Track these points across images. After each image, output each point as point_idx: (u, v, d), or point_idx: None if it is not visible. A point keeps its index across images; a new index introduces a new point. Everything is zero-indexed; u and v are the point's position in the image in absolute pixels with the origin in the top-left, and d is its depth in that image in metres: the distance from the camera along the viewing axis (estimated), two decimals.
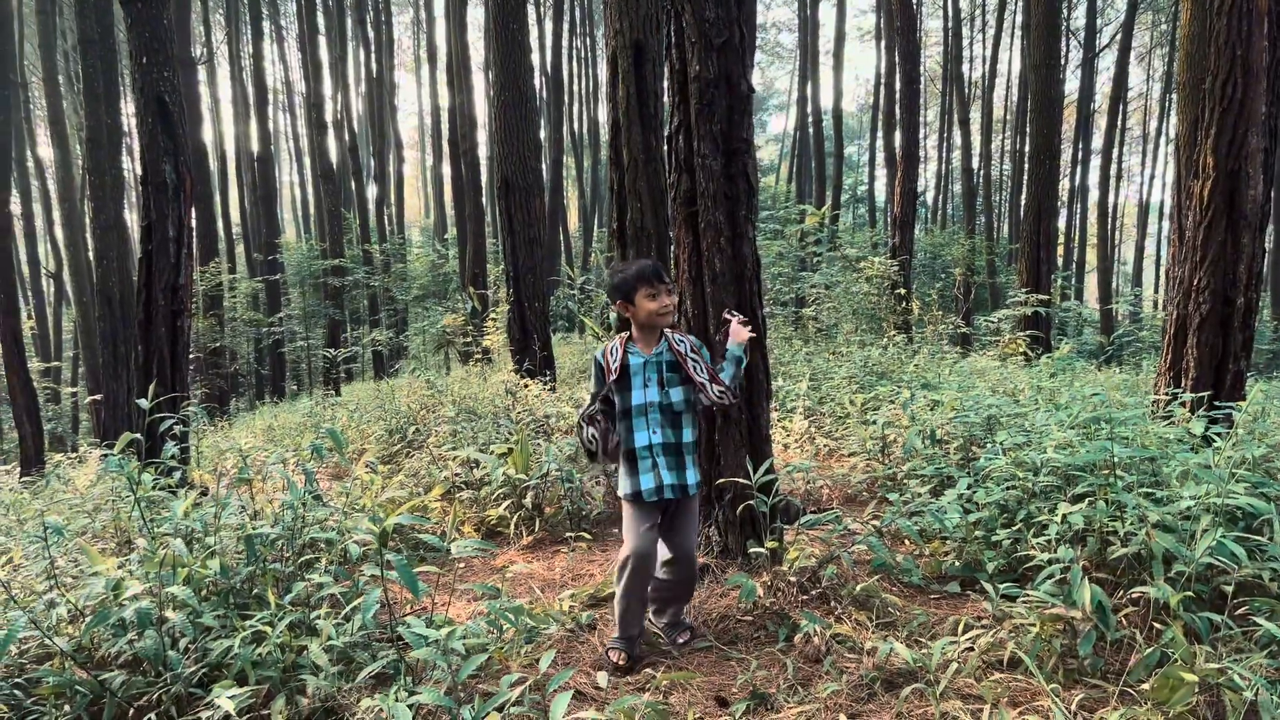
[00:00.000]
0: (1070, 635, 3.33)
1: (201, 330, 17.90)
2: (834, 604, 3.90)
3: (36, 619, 3.40)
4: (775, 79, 54.84)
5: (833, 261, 13.54)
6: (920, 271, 22.57)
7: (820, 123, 28.24)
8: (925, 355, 9.20)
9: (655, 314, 3.50)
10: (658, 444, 3.54)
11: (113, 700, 3.42)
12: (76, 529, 5.91)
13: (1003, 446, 4.73)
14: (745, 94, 4.21)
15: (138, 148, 7.44)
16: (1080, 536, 3.94)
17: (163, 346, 7.35)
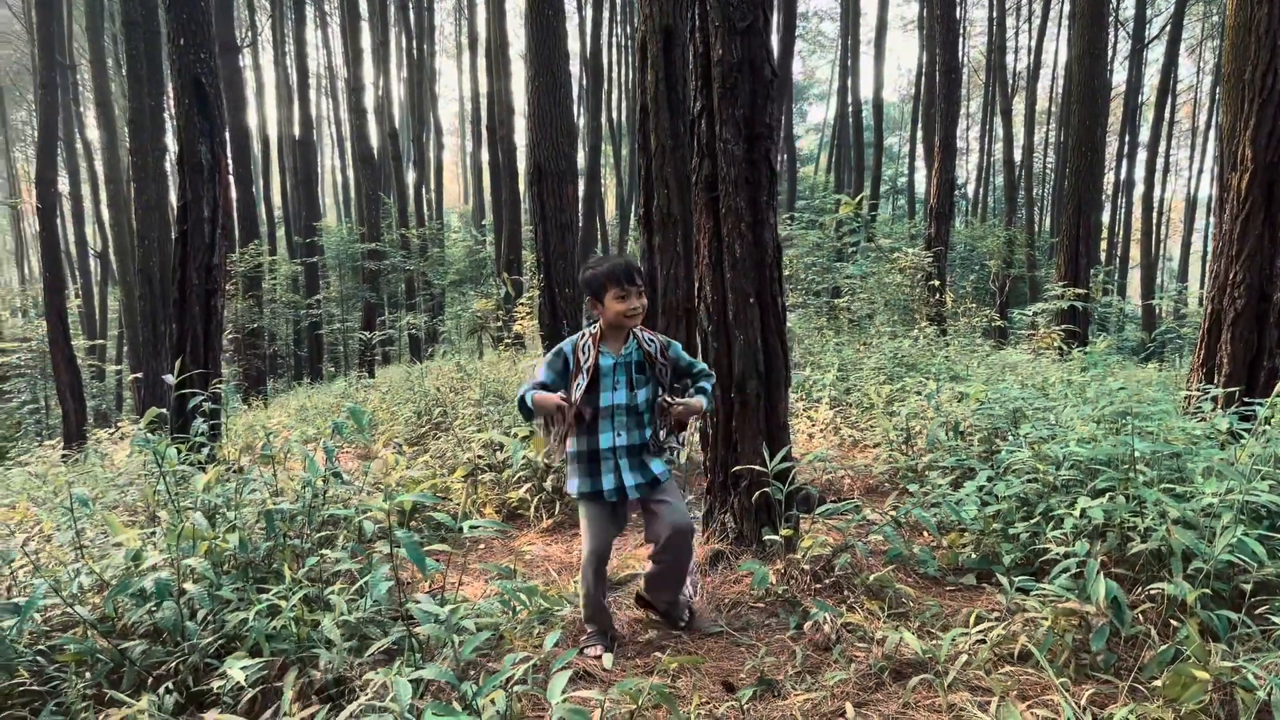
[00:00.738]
0: (1084, 630, 3.28)
1: (240, 311, 18.15)
2: (847, 593, 3.88)
3: (58, 587, 3.47)
4: (816, 68, 54.40)
5: (867, 252, 13.42)
6: (957, 264, 22.32)
7: (860, 112, 27.95)
8: (956, 348, 9.10)
9: (623, 315, 3.43)
10: (621, 446, 3.52)
11: (132, 669, 3.48)
12: (109, 502, 6.04)
13: (1026, 440, 4.67)
14: (769, 79, 4.18)
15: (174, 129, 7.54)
16: (1100, 532, 3.88)
17: (196, 325, 7.45)
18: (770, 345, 4.29)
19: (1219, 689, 2.92)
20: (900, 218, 34.36)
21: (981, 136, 37.10)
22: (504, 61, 20.34)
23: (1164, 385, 6.51)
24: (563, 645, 3.78)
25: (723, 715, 3.10)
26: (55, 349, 16.43)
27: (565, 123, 10.75)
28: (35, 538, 4.83)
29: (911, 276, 11.68)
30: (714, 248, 4.30)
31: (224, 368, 18.75)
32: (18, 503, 5.11)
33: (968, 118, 45.57)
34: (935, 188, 13.21)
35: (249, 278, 18.76)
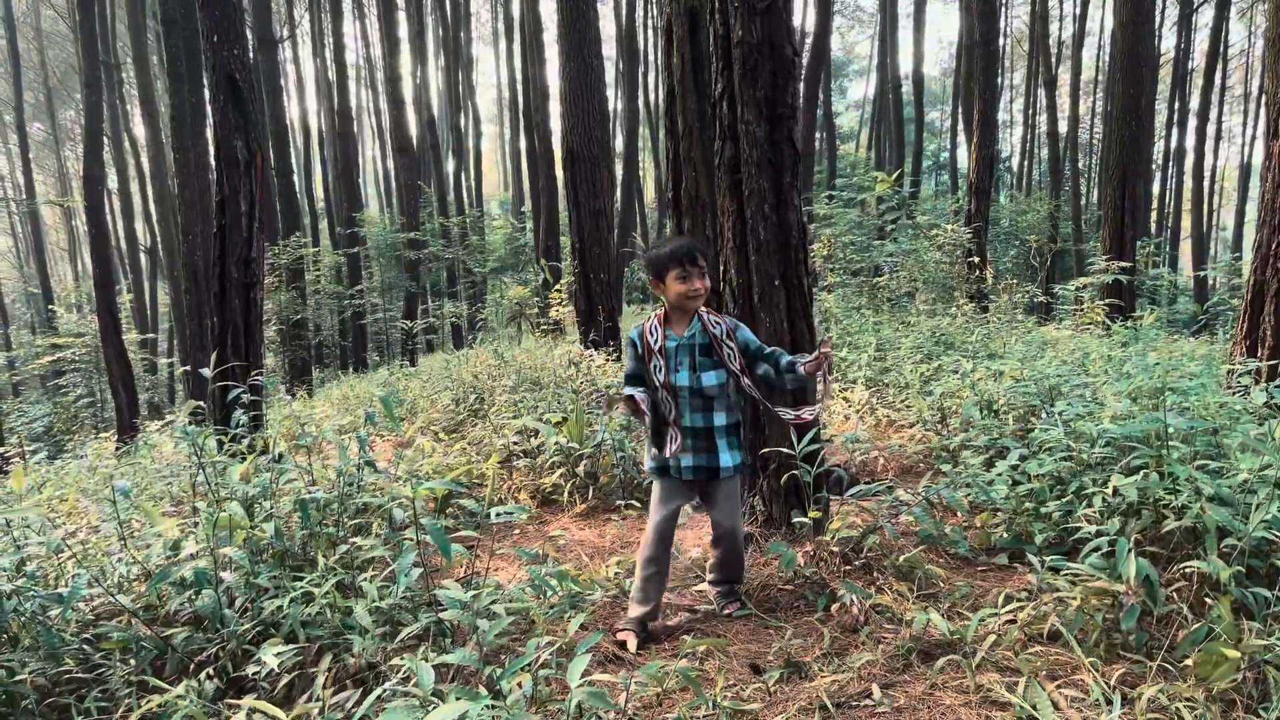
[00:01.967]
0: (1115, 609, 3.24)
1: (284, 303, 18.41)
2: (876, 575, 3.87)
3: (98, 577, 3.56)
4: (856, 44, 53.70)
5: (905, 230, 13.27)
6: (1001, 239, 21.97)
7: (899, 88, 27.58)
8: (995, 325, 8.99)
9: (684, 296, 3.43)
10: (687, 427, 3.52)
11: (174, 656, 3.57)
12: (156, 493, 6.18)
13: (1061, 417, 4.61)
14: (790, 58, 4.14)
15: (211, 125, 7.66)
16: (1135, 509, 3.83)
17: (236, 318, 7.58)
18: (796, 327, 4.27)
19: (1253, 668, 2.87)
20: (943, 194, 33.90)
21: (1026, 109, 36.43)
22: (538, 47, 20.33)
23: (1208, 359, 6.37)
24: (592, 629, 3.82)
25: (749, 697, 3.11)
26: (106, 344, 16.82)
27: (597, 107, 10.75)
28: (83, 529, 4.97)
29: (950, 253, 11.52)
30: (738, 230, 4.29)
31: (271, 359, 19.01)
32: (68, 495, 5.25)
33: (1011, 90, 44.72)
34: (974, 162, 13.00)
35: (292, 269, 19.01)
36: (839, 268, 12.77)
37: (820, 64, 19.78)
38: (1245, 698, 2.78)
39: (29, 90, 40.73)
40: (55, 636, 3.56)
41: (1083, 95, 36.50)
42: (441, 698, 2.61)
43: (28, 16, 39.92)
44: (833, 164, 28.72)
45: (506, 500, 5.86)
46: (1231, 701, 2.77)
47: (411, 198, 22.07)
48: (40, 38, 40.12)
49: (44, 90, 41.45)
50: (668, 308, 3.56)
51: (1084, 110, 35.78)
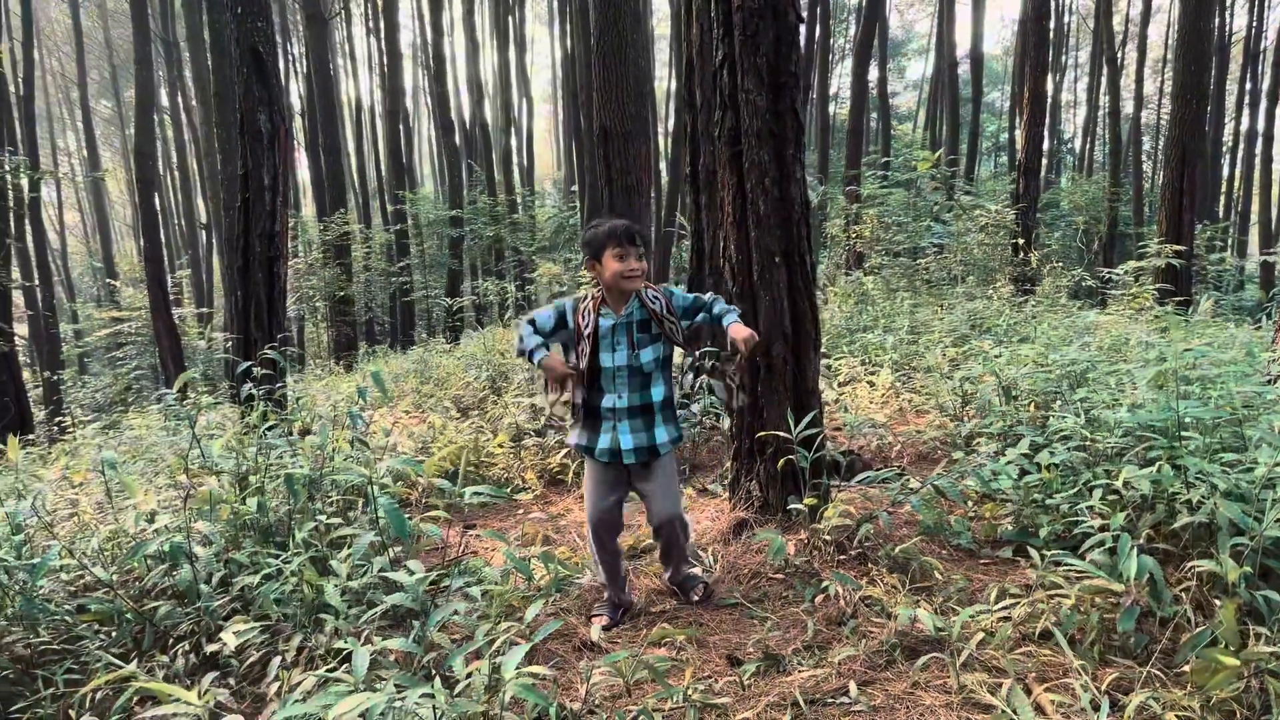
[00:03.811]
0: (1116, 609, 3.05)
1: (328, 279, 18.55)
2: (870, 565, 3.71)
3: (70, 549, 3.54)
4: (915, 21, 52.58)
5: (945, 209, 12.89)
6: (1056, 223, 21.33)
7: (955, 66, 26.88)
8: (1033, 308, 8.68)
9: (620, 275, 3.31)
10: (623, 407, 3.41)
11: (151, 630, 3.55)
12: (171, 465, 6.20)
13: (1082, 405, 4.39)
14: (793, 24, 3.96)
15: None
16: (1149, 503, 3.61)
17: (259, 291, 7.58)
18: (798, 306, 4.10)
19: (1259, 675, 2.67)
20: (1001, 175, 33.10)
21: (1090, 89, 35.36)
22: (585, 24, 20.13)
23: (1249, 346, 6.04)
24: (577, 613, 3.72)
25: (720, 690, 2.99)
26: (156, 316, 17.12)
27: (633, 82, 10.57)
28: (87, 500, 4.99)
29: (994, 235, 11.15)
30: (738, 205, 4.12)
31: (324, 334, 19.02)
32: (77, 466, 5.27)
33: (1076, 69, 43.48)
34: (1024, 142, 12.57)
35: (337, 246, 19.14)
36: (881, 249, 12.47)
37: (869, 40, 19.33)
38: (1245, 708, 2.58)
39: (94, 68, 41.61)
40: (35, 606, 3.55)
41: (1152, 74, 35.38)
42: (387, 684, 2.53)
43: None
44: (886, 144, 28.10)
45: (515, 479, 5.78)
46: (1231, 712, 2.58)
47: (454, 176, 22.09)
48: (105, 16, 40.90)
49: (109, 68, 42.29)
50: (604, 289, 3.42)
51: (1151, 90, 34.67)
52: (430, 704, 2.33)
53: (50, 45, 44.30)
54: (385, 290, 24.84)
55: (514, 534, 4.88)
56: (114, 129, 47.42)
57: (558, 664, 3.27)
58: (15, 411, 12.48)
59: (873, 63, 34.47)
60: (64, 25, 38.80)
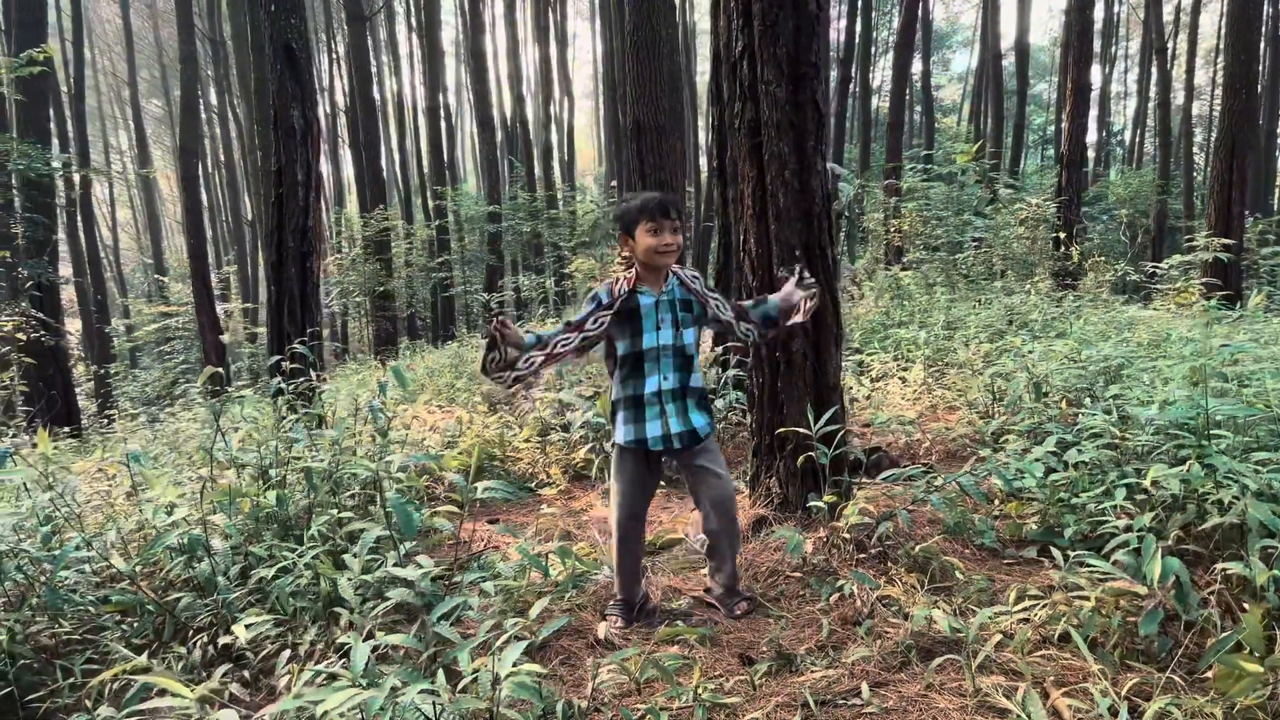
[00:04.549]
0: (1140, 612, 2.96)
1: (368, 274, 18.72)
2: (889, 565, 3.64)
3: (90, 540, 3.58)
4: (961, 12, 51.82)
5: (986, 203, 12.66)
6: (1103, 215, 20.91)
7: (999, 58, 26.47)
8: (1071, 303, 8.50)
9: (654, 250, 3.20)
10: (669, 389, 3.30)
11: (171, 621, 3.58)
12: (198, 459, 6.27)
13: (1112, 401, 4.28)
14: (813, 13, 3.89)
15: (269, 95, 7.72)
16: (1180, 503, 3.50)
17: (293, 286, 7.64)
18: (819, 301, 4.03)
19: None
20: (1048, 169, 32.52)
21: (1140, 80, 34.64)
22: (623, 19, 20.11)
23: None
24: (592, 610, 3.69)
25: (731, 690, 2.94)
26: (200, 311, 17.37)
27: (667, 76, 10.53)
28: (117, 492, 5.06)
29: (1033, 229, 10.93)
30: (757, 197, 4.06)
31: (367, 329, 19.11)
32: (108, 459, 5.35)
33: (1126, 59, 42.63)
34: (1067, 134, 12.32)
35: (377, 241, 19.30)
36: (919, 242, 12.29)
37: (910, 32, 19.09)
38: (1270, 716, 2.49)
39: (145, 68, 42.39)
40: (58, 597, 3.60)
41: (1204, 65, 34.56)
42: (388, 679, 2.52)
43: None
44: (929, 137, 27.79)
45: (539, 474, 5.77)
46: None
47: (491, 172, 22.20)
48: (155, 16, 41.64)
49: (159, 67, 43.05)
50: (638, 266, 3.32)
51: (1203, 81, 33.88)
52: (431, 700, 2.32)
53: (103, 46, 45.18)
54: (426, 285, 25.02)
55: (535, 528, 4.87)
56: (164, 127, 48.24)
57: (570, 660, 3.25)
58: (62, 405, 12.74)
59: (916, 55, 34.11)
60: (115, 26, 39.53)
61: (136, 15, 39.40)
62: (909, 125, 40.06)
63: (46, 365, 12.27)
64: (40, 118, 13.26)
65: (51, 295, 12.84)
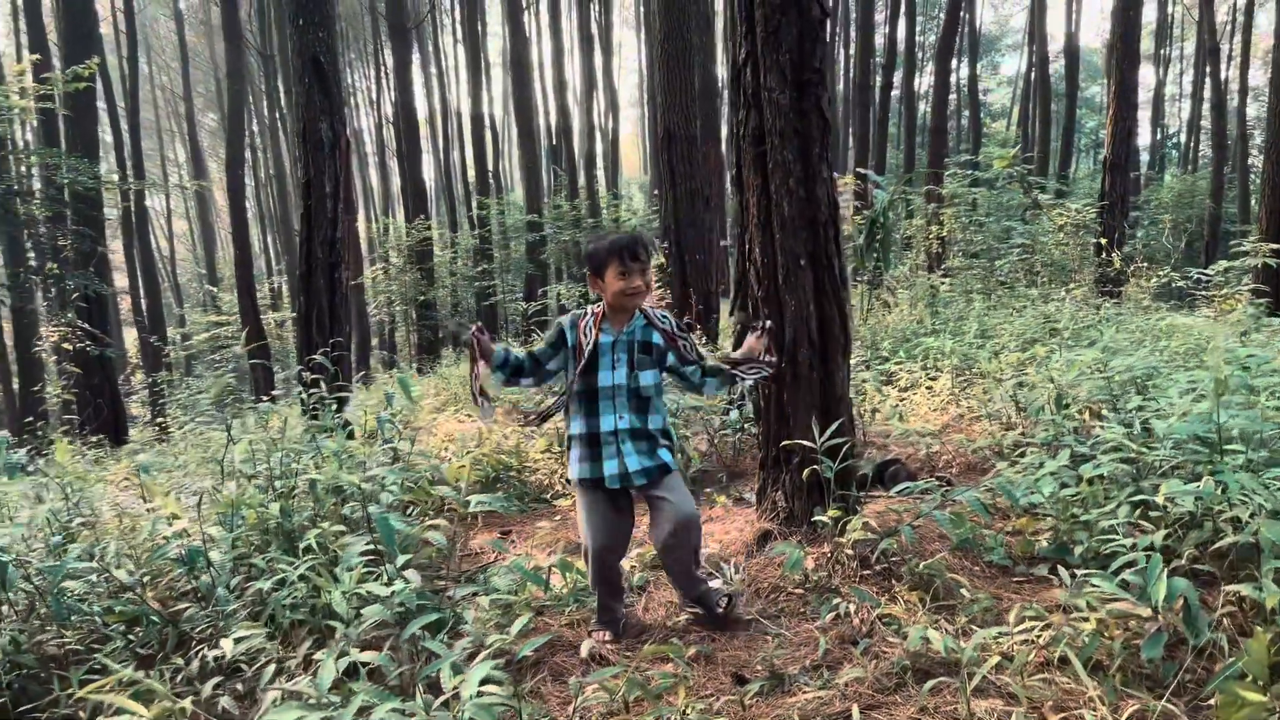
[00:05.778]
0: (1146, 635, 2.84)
1: (409, 283, 18.90)
2: (893, 581, 3.55)
3: (91, 551, 3.62)
4: (1010, 16, 51.14)
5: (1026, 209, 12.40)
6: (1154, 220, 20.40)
7: (1046, 62, 26.02)
8: (1109, 310, 8.29)
9: (623, 294, 3.20)
10: (624, 429, 3.27)
11: (174, 631, 3.61)
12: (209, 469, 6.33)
13: (1136, 414, 4.15)
14: (817, 19, 3.83)
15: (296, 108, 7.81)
16: (1197, 521, 3.37)
17: (321, 298, 7.71)
18: (825, 311, 3.96)
19: None
20: (1100, 172, 31.92)
21: (1195, 81, 33.85)
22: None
23: None
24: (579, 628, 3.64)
25: (719, 710, 2.88)
26: (245, 320, 17.70)
27: (700, 86, 10.52)
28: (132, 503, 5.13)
29: (1073, 235, 10.68)
30: (762, 206, 4.00)
31: (407, 338, 19.29)
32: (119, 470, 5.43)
33: (1181, 60, 41.72)
34: (1110, 137, 12.05)
35: (418, 251, 19.48)
36: (957, 249, 12.08)
37: (951, 37, 18.85)
38: None
39: (201, 83, 43.37)
40: (64, 606, 3.64)
41: (1261, 65, 33.63)
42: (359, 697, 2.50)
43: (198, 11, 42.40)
44: (976, 142, 27.44)
45: (555, 485, 5.74)
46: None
47: (532, 181, 22.35)
48: (210, 33, 42.55)
49: (214, 82, 43.99)
50: (606, 305, 3.30)
51: (1260, 81, 32.97)
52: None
53: (161, 62, 46.30)
54: (470, 294, 25.22)
55: (536, 541, 4.83)
56: (219, 140, 49.19)
57: (562, 677, 3.21)
58: (109, 413, 13.02)
59: (963, 60, 33.69)
60: (173, 42, 40.49)
61: (192, 32, 40.35)
62: (957, 130, 39.62)
63: (93, 374, 12.55)
64: (88, 132, 13.60)
65: (99, 306, 13.13)
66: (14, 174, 13.68)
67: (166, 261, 42.61)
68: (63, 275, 12.20)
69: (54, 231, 12.33)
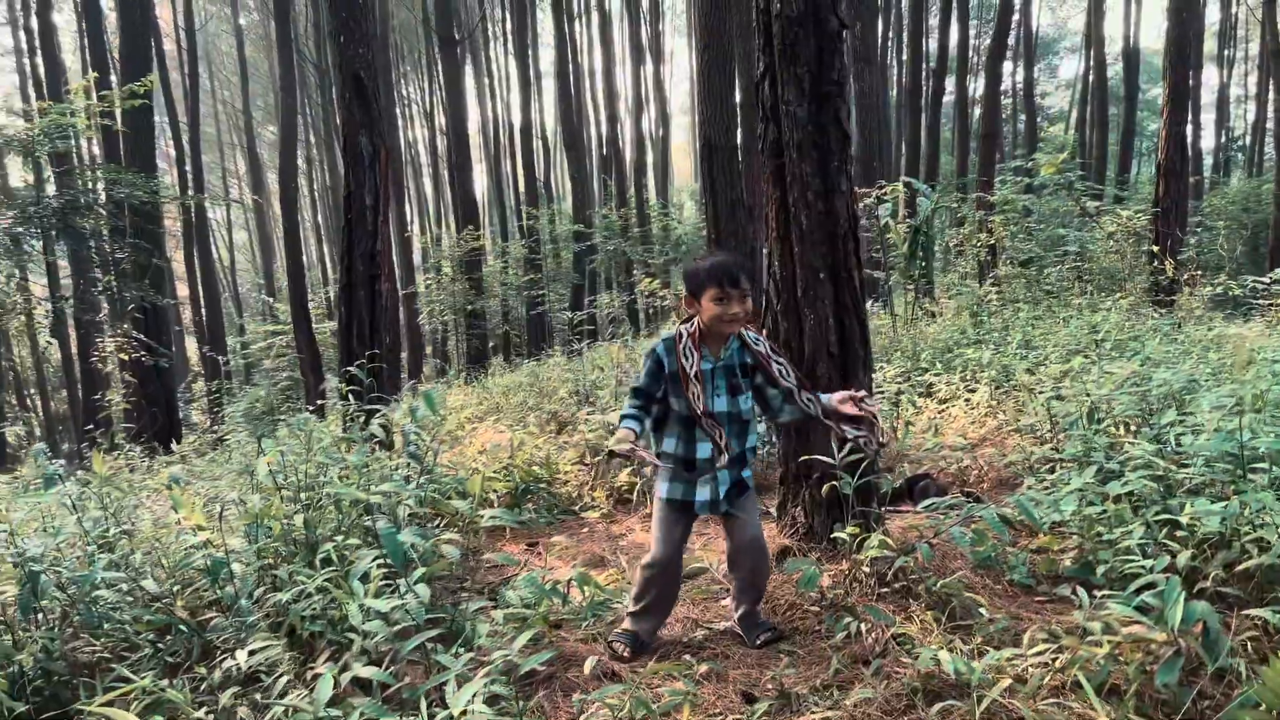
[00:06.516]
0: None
1: (457, 293, 19.11)
2: (911, 600, 3.50)
3: (118, 562, 3.70)
4: (1069, 17, 50.18)
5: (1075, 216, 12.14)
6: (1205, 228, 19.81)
7: (1103, 62, 25.50)
8: (1157, 320, 8.08)
9: (719, 319, 3.08)
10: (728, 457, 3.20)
11: (199, 639, 3.68)
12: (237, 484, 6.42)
13: (1170, 429, 4.04)
14: (834, 32, 3.80)
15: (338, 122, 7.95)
16: (1225, 541, 3.27)
17: (361, 310, 7.83)
18: (845, 325, 3.93)
19: None
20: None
21: (1260, 83, 32.90)
22: None
23: None
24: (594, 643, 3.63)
25: None
26: (297, 329, 18.00)
27: (743, 96, 10.49)
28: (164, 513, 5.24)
29: (1122, 242, 10.42)
30: (781, 219, 3.98)
31: (458, 348, 19.47)
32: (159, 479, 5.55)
33: (1246, 61, 40.61)
34: (1163, 140, 11.75)
35: (467, 261, 19.69)
36: (1005, 258, 11.87)
37: (1003, 40, 18.57)
38: None
39: (260, 97, 44.30)
40: (94, 615, 3.74)
41: None
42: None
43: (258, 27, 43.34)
44: (1032, 147, 26.87)
45: (584, 497, 5.76)
46: None
47: (577, 190, 22.47)
48: (270, 48, 43.43)
49: (273, 95, 44.88)
50: (702, 327, 3.19)
51: None
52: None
53: (222, 77, 47.37)
54: (521, 303, 25.43)
55: (570, 553, 4.85)
56: (277, 152, 50.22)
57: (571, 693, 3.20)
58: (164, 421, 13.34)
59: (1019, 63, 33.17)
60: (234, 58, 41.39)
61: (252, 46, 41.24)
62: (1012, 134, 38.96)
63: (149, 383, 12.88)
64: (146, 147, 13.99)
65: (155, 317, 13.47)
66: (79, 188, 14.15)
67: (227, 271, 43.53)
68: (121, 287, 12.55)
69: (112, 244, 12.69)
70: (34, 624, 3.74)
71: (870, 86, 17.32)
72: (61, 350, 20.75)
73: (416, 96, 43.39)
